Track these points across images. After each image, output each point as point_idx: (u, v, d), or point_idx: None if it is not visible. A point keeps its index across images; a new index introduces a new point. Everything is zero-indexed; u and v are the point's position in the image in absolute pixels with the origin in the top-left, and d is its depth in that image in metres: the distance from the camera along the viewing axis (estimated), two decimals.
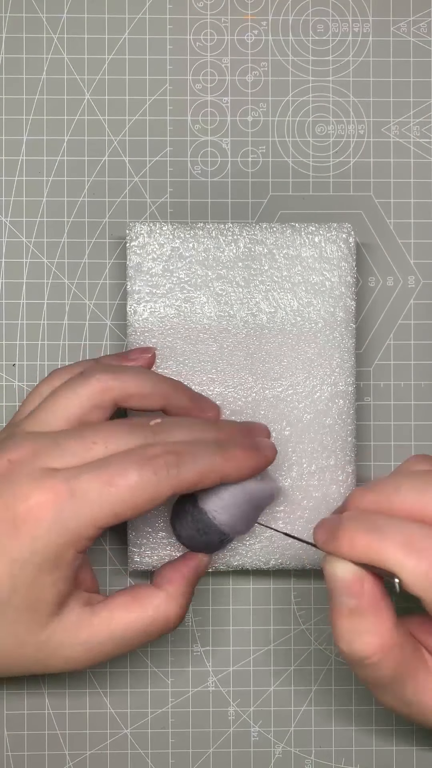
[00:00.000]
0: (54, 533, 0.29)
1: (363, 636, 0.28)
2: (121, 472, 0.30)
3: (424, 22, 0.40)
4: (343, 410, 0.37)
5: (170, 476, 0.30)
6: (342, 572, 0.28)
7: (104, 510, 0.30)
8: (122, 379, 0.33)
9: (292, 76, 0.40)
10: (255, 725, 0.39)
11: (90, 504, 0.29)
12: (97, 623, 0.32)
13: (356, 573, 0.28)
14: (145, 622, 0.32)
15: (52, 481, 0.30)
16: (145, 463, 0.30)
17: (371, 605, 0.28)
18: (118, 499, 0.30)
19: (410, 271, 0.40)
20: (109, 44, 0.40)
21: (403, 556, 0.27)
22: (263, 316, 0.37)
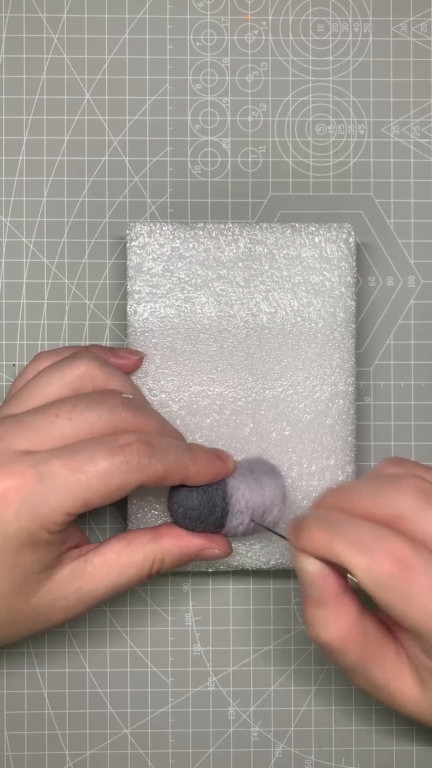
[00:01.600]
0: (24, 518, 0.29)
1: (327, 625, 0.29)
2: (90, 459, 0.30)
3: (424, 22, 0.40)
4: (343, 410, 0.37)
5: (140, 466, 0.30)
6: (307, 566, 0.29)
7: (73, 496, 0.29)
8: (107, 372, 0.33)
9: (292, 76, 0.40)
10: (255, 725, 0.39)
11: (58, 490, 0.29)
12: (90, 570, 0.32)
13: (319, 567, 0.29)
14: (136, 565, 0.32)
15: (20, 465, 0.29)
16: (116, 451, 0.30)
17: (334, 597, 0.29)
18: (87, 486, 0.29)
19: (410, 271, 0.40)
20: (109, 44, 0.40)
21: (352, 553, 0.28)
22: (263, 316, 0.37)
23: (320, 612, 0.30)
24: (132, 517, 0.36)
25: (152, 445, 0.31)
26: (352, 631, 0.29)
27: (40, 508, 0.29)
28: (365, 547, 0.28)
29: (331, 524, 0.29)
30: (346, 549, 0.28)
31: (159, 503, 0.36)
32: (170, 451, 0.31)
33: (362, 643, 0.30)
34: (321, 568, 0.29)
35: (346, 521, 0.29)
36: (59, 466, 0.29)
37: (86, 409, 0.31)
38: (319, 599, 0.29)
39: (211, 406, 0.37)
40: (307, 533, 0.29)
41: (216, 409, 0.37)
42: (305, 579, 0.30)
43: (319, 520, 0.29)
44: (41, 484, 0.29)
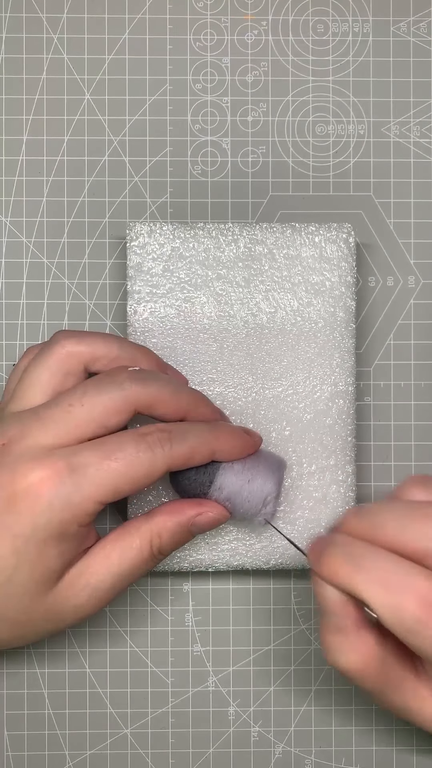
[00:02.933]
0: (56, 509, 0.30)
1: (346, 654, 0.29)
2: (118, 447, 0.30)
3: (424, 22, 0.40)
4: (343, 410, 0.37)
5: (164, 452, 0.31)
6: (327, 593, 0.29)
7: (104, 484, 0.30)
8: (87, 342, 0.33)
9: (292, 76, 0.40)
10: (255, 725, 0.39)
11: (90, 478, 0.30)
12: (93, 562, 0.32)
13: (339, 596, 0.29)
14: (134, 547, 0.32)
15: (51, 458, 0.30)
16: (140, 440, 0.31)
17: (354, 627, 0.29)
18: (117, 473, 0.30)
19: (410, 271, 0.40)
20: (109, 44, 0.40)
21: (376, 593, 0.27)
22: (263, 316, 0.37)
23: (339, 639, 0.29)
24: (132, 516, 0.36)
25: (170, 431, 0.31)
26: (370, 661, 0.29)
27: (73, 497, 0.30)
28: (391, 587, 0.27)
29: (355, 558, 0.28)
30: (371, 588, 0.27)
31: (158, 503, 0.36)
32: (189, 433, 0.32)
33: (381, 670, 0.29)
34: (341, 597, 0.29)
35: (371, 556, 0.28)
36: (89, 456, 0.30)
37: (96, 392, 0.31)
38: (338, 627, 0.29)
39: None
40: (329, 563, 0.29)
41: None
42: (324, 606, 0.29)
43: (342, 551, 0.29)
44: (73, 474, 0.30)
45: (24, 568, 0.30)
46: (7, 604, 0.31)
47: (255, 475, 0.34)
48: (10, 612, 0.31)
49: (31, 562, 0.30)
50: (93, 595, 0.32)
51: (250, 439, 0.34)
